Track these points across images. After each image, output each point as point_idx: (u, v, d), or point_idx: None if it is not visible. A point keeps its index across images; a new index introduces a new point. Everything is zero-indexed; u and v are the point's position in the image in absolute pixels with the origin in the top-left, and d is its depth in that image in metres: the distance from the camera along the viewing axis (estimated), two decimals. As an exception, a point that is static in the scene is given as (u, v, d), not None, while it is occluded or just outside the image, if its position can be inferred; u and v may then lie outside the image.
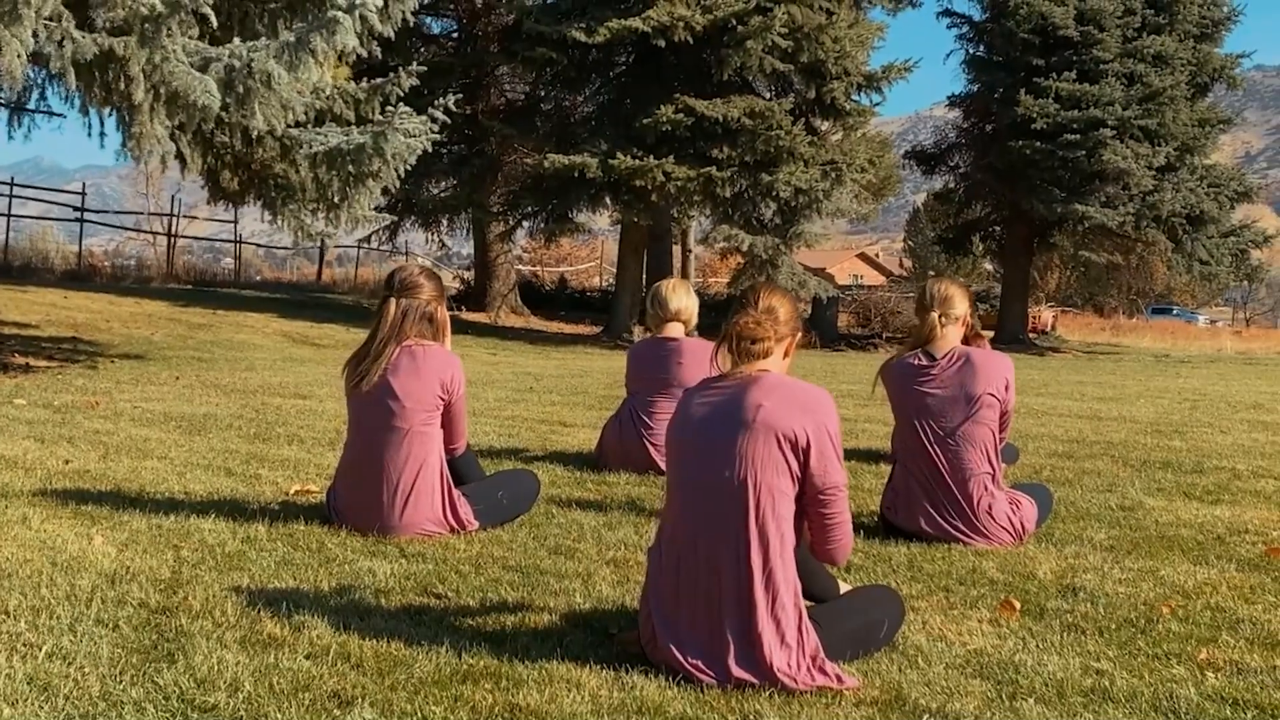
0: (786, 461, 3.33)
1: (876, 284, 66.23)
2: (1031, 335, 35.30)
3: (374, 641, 3.49)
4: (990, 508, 5.09)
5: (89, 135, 11.41)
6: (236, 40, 10.65)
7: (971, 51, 32.46)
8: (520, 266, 34.96)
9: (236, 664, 3.25)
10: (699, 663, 3.26)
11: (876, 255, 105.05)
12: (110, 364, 13.71)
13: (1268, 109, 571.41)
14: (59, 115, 16.09)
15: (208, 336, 18.31)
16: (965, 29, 32.60)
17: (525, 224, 26.02)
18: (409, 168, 13.35)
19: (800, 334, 3.69)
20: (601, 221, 29.49)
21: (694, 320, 7.10)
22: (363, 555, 4.60)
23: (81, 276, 28.49)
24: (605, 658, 3.40)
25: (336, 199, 13.26)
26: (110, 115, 10.99)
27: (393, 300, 5.04)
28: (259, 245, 47.27)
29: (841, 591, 3.69)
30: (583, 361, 18.91)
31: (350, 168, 12.71)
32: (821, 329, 30.46)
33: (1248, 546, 5.21)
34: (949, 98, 34.11)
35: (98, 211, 34.00)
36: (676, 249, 32.69)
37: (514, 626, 3.74)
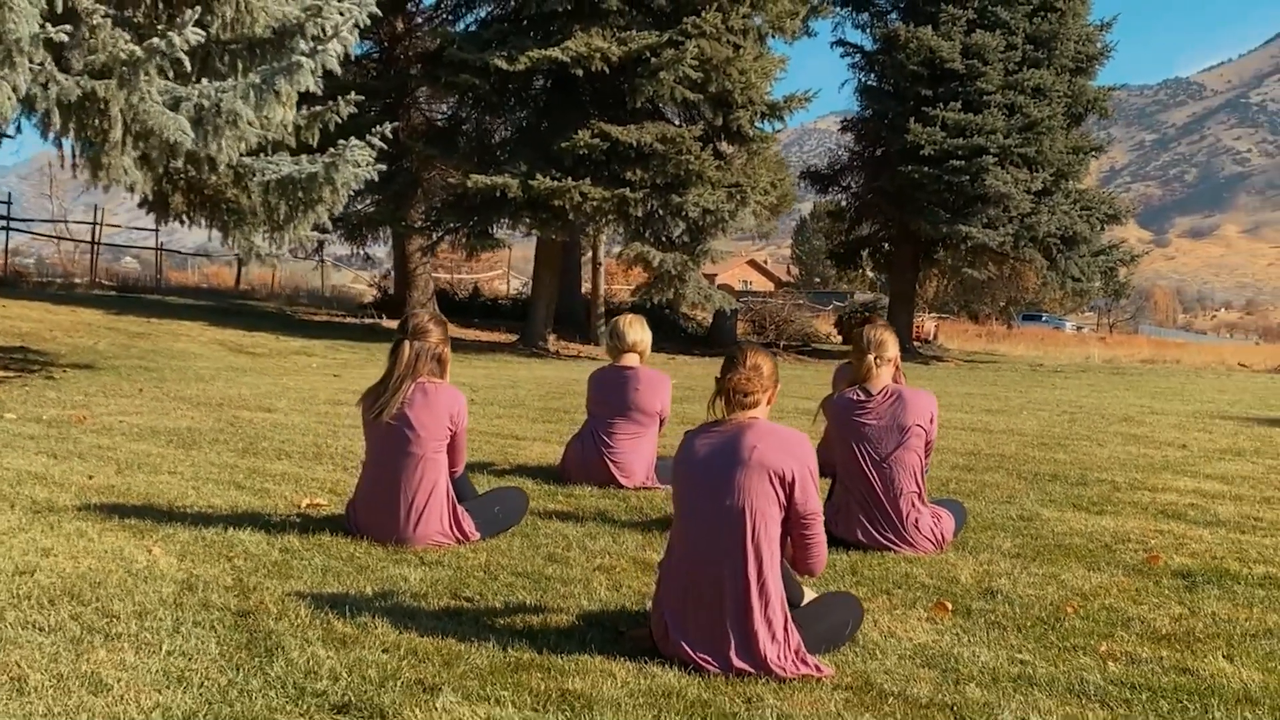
0: (776, 493, 3.98)
1: (766, 289, 67.43)
2: (917, 344, 36.51)
3: (431, 639, 4.07)
4: (917, 521, 5.80)
5: (62, 167, 11.69)
6: (204, 81, 11.07)
7: (864, 80, 33.48)
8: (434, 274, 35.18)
9: (329, 658, 3.81)
10: (706, 656, 3.89)
11: (765, 262, 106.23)
12: (64, 374, 13.97)
13: (1132, 126, 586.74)
14: (8, 136, 16.27)
15: (148, 345, 18.51)
16: (858, 58, 33.60)
17: (447, 238, 26.43)
18: (352, 194, 13.85)
19: (779, 384, 4.34)
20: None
21: (648, 351, 7.76)
22: (390, 563, 5.17)
23: (8, 283, 28.29)
24: (625, 652, 4.02)
25: (282, 222, 13.66)
26: (84, 151, 11.28)
27: (407, 343, 5.62)
28: (178, 252, 46.81)
29: (806, 596, 4.35)
30: (508, 371, 19.44)
31: (300, 194, 13.13)
32: (722, 338, 31.29)
33: (1131, 554, 5.97)
34: (843, 122, 35.19)
35: (25, 220, 33.73)
36: (585, 258, 33.21)
37: (540, 625, 4.34)
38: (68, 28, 9.20)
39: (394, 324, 27.98)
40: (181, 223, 15.73)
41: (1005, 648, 4.28)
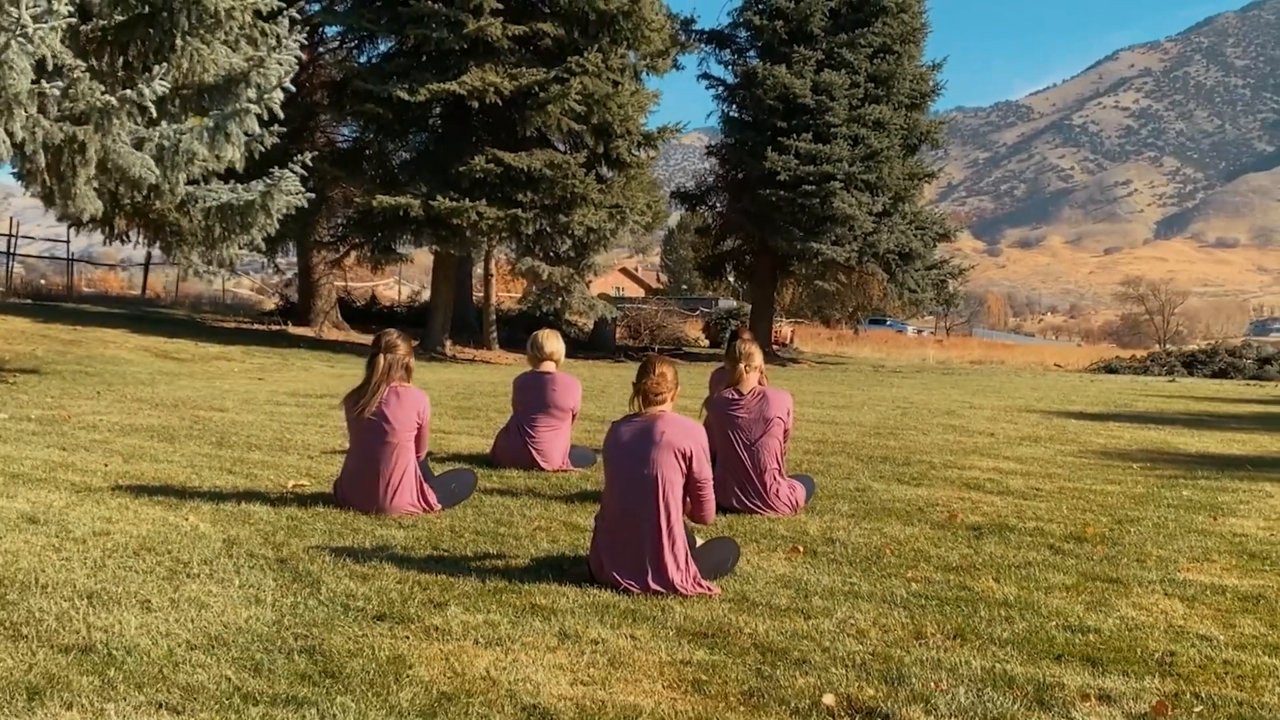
0: (679, 464, 5.24)
1: (637, 295, 68.94)
2: (775, 348, 38.22)
3: (428, 575, 5.23)
4: (777, 491, 7.12)
5: (33, 195, 12.42)
6: (164, 123, 11.96)
7: (727, 110, 35.04)
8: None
9: (359, 587, 4.96)
10: (631, 581, 5.13)
11: (636, 269, 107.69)
12: (16, 379, 14.59)
13: (967, 144, 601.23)
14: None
15: (82, 352, 19.07)
16: (721, 90, 35.16)
17: (353, 252, 27.26)
18: (282, 218, 14.77)
19: (679, 386, 5.59)
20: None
21: (563, 358, 8.96)
22: (377, 527, 6.31)
23: (-72, 292, 28.31)
24: (571, 580, 5.23)
25: (216, 242, 14.52)
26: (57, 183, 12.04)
27: (381, 355, 6.76)
28: (91, 261, 46.52)
29: (699, 541, 5.61)
30: (414, 375, 20.34)
31: (238, 219, 14.04)
32: (602, 342, 32.57)
33: (938, 514, 7.38)
34: (708, 148, 36.73)
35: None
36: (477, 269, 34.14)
37: (503, 566, 5.52)
38: (60, 83, 10.08)
39: (300, 330, 28.77)
40: (123, 241, 16.51)
41: (840, 575, 5.59)
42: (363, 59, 27.50)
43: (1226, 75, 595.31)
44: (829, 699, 3.84)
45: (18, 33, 9.48)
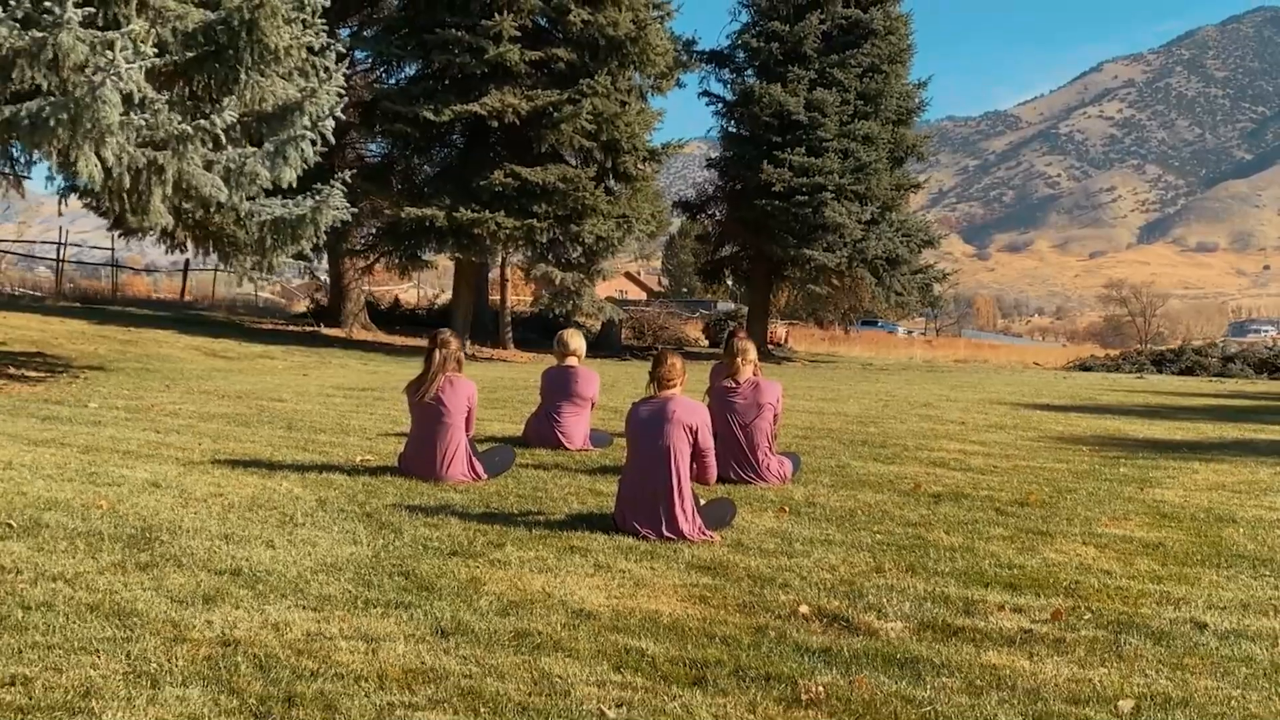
0: (687, 437, 6.25)
1: (640, 298, 69.87)
2: (770, 347, 39.21)
3: (485, 525, 6.25)
4: (768, 465, 8.13)
5: (101, 214, 13.44)
6: (230, 148, 12.98)
7: (725, 126, 36.04)
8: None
9: (432, 533, 5.98)
10: (648, 530, 6.14)
11: (638, 273, 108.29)
12: (87, 375, 15.58)
13: (957, 152, 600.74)
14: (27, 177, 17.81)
15: (140, 351, 20.07)
16: (720, 107, 36.15)
17: (383, 260, 28.31)
18: (328, 230, 15.77)
19: (686, 374, 6.61)
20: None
21: (584, 353, 9.97)
22: (438, 491, 7.32)
23: (-11, 296, 29.31)
24: (600, 530, 6.25)
25: (267, 251, 15.51)
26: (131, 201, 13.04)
27: (438, 350, 7.78)
28: (121, 266, 47.51)
29: (703, 502, 6.62)
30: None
31: (289, 231, 15.02)
32: (609, 342, 33.56)
33: (905, 485, 8.38)
34: (708, 160, 37.72)
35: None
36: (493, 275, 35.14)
37: (544, 520, 6.54)
38: (145, 115, 11.10)
39: (331, 331, 29.77)
40: (181, 250, 17.51)
41: (819, 529, 6.61)
42: (390, 81, 28.48)
43: (1206, 86, 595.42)
44: (804, 608, 4.86)
45: (111, 72, 10.50)
